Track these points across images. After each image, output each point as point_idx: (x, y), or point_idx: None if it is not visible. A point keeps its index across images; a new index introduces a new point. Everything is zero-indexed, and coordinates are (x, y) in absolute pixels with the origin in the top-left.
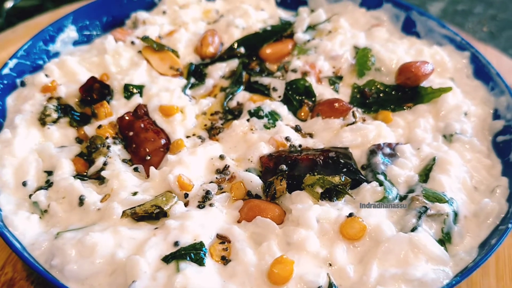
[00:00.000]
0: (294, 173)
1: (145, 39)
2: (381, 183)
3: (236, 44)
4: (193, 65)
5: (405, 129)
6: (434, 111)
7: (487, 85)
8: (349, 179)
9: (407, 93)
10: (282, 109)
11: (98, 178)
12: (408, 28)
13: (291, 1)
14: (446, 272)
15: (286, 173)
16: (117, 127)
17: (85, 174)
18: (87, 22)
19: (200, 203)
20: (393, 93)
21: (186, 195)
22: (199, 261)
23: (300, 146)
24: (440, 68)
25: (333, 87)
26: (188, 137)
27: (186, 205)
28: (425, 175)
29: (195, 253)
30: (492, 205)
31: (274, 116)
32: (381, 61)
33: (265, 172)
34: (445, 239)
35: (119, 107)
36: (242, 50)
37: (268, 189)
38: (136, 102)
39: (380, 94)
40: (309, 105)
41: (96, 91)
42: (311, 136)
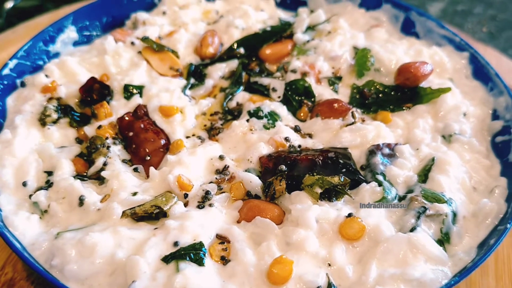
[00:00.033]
0: (294, 174)
1: (145, 40)
2: (380, 184)
3: (236, 45)
4: (193, 66)
5: (404, 130)
6: (433, 112)
7: (486, 86)
8: (348, 180)
9: (406, 94)
10: (282, 110)
11: (98, 179)
12: (408, 29)
13: (291, 2)
14: (445, 272)
15: (286, 174)
16: (117, 128)
17: (85, 175)
18: (87, 23)
19: (200, 203)
20: (392, 94)
21: (186, 195)
22: (199, 261)
23: (300, 147)
24: (439, 69)
25: (333, 88)
26: (188, 138)
27: (186, 205)
28: (424, 176)
29: (195, 253)
30: (491, 205)
31: (274, 117)
32: (381, 62)
33: (265, 173)
34: (444, 239)
35: (119, 108)
36: (242, 51)
37: (268, 189)
38: (136, 103)
39: (379, 95)
40: (309, 106)
41: (96, 92)
42: (311, 137)
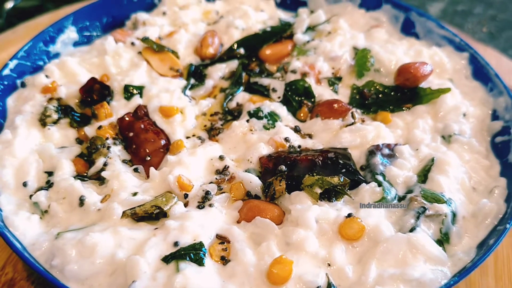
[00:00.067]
0: (293, 174)
1: (145, 40)
2: (380, 184)
3: (236, 45)
4: (193, 66)
5: (404, 130)
6: (433, 112)
7: (486, 86)
8: (348, 180)
9: (406, 94)
10: (282, 110)
11: (98, 179)
12: (407, 29)
13: (291, 2)
14: (444, 272)
15: (285, 174)
16: (117, 128)
17: (85, 175)
18: (87, 23)
19: (200, 204)
20: (392, 94)
21: (186, 196)
22: (199, 261)
23: (299, 147)
24: (439, 69)
25: (332, 88)
26: (188, 138)
27: (186, 206)
28: (424, 176)
29: (195, 253)
30: (491, 206)
31: (274, 117)
32: (380, 62)
33: (265, 173)
34: (443, 240)
35: (119, 108)
36: (242, 51)
37: (268, 190)
38: (136, 103)
39: (379, 95)
40: (309, 106)
41: (96, 92)
42: (310, 137)
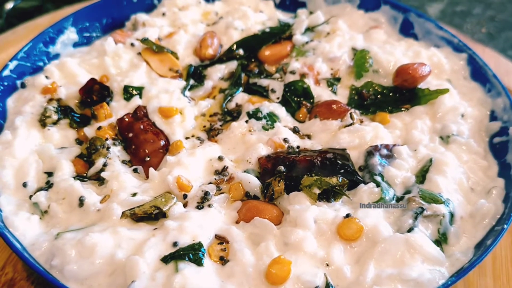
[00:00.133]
0: (292, 174)
1: (145, 41)
2: (378, 184)
3: (235, 46)
4: (192, 67)
5: (402, 131)
6: (431, 113)
7: (484, 87)
8: (347, 180)
9: (405, 95)
10: (281, 111)
11: (98, 179)
12: (406, 30)
13: (290, 3)
14: (442, 273)
15: (284, 174)
16: (117, 129)
17: (85, 175)
18: (87, 24)
19: (199, 204)
20: (391, 95)
21: (185, 196)
22: (198, 262)
23: (298, 148)
24: (437, 70)
25: (331, 89)
26: (187, 138)
27: (185, 206)
28: (422, 176)
29: (194, 254)
30: (488, 206)
31: (273, 118)
32: (379, 63)
33: (263, 173)
34: (441, 240)
35: (119, 109)
36: (241, 52)
37: (266, 190)
38: (136, 104)
39: (378, 96)
40: (307, 107)
41: (96, 93)
42: (309, 138)
